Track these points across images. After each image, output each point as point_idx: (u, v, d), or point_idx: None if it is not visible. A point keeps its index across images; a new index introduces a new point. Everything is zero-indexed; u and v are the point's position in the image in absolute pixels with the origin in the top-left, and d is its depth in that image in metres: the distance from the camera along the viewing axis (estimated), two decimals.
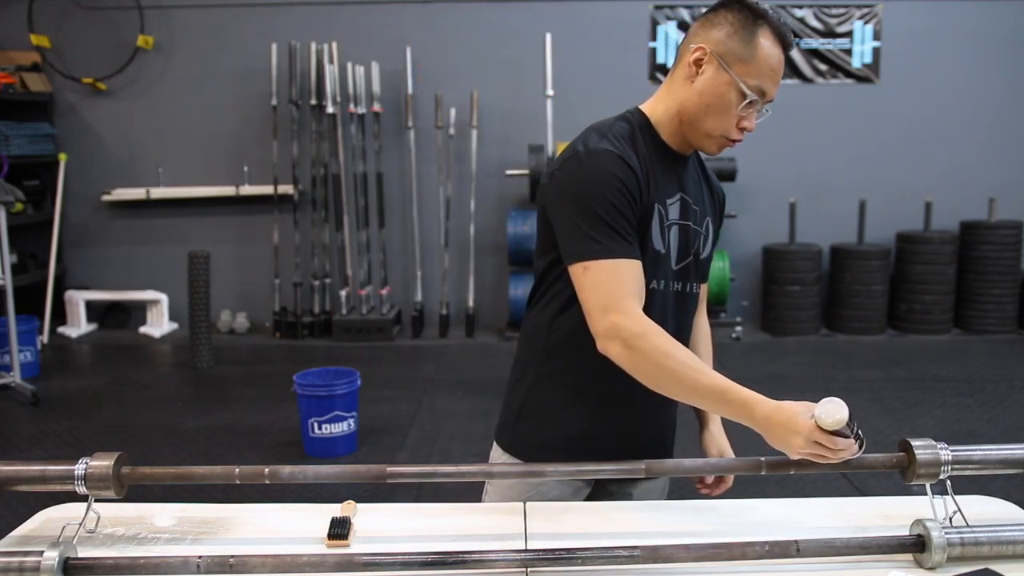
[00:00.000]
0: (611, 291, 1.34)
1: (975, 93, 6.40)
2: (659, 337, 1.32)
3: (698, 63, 1.40)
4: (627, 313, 1.33)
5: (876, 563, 1.24)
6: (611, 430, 1.53)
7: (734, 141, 1.44)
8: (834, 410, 1.19)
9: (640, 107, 1.52)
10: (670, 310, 1.52)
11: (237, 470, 1.32)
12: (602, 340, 1.34)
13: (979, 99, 6.41)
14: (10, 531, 1.37)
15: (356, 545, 1.31)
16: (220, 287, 5.91)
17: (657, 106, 1.49)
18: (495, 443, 1.62)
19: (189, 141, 6.39)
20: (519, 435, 1.58)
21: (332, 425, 3.82)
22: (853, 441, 1.23)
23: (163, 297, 6.36)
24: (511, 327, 6.02)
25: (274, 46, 6.07)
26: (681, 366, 1.31)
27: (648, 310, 1.40)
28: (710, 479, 1.62)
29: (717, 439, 1.63)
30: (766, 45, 1.36)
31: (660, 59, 6.35)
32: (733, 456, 1.57)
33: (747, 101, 1.37)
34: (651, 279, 1.45)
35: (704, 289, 1.69)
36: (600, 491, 1.60)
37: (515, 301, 5.98)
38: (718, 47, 1.38)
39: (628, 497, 1.61)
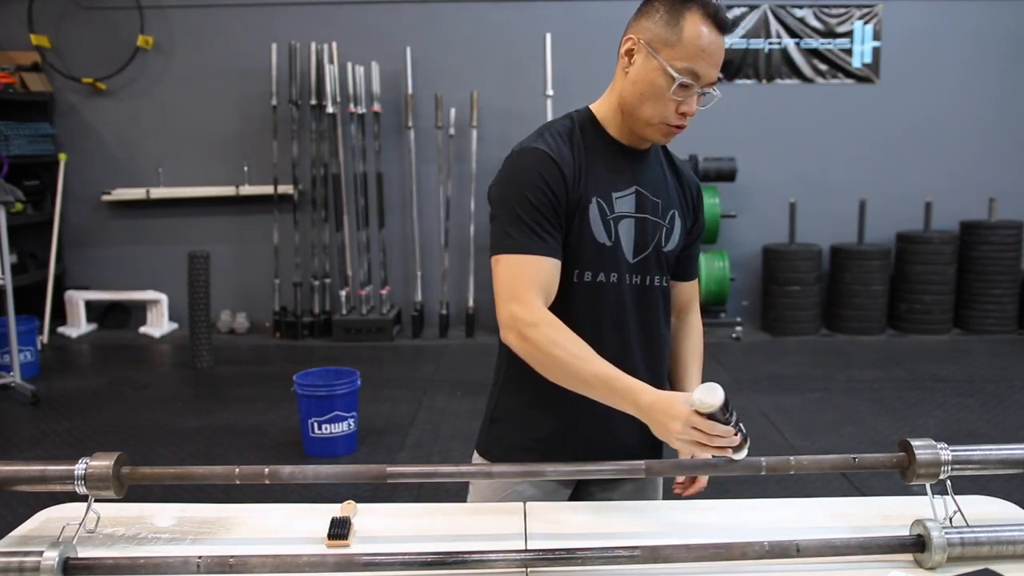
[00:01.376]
0: (514, 284, 1.39)
1: (975, 93, 6.40)
2: (551, 328, 1.36)
3: (630, 53, 1.44)
4: (525, 304, 1.37)
5: (876, 563, 1.24)
6: (580, 431, 1.53)
7: (677, 127, 1.44)
8: (709, 394, 1.20)
9: (590, 105, 1.55)
10: (628, 303, 1.52)
11: (237, 470, 1.32)
12: (503, 329, 1.40)
13: (979, 99, 6.40)
14: (10, 531, 1.37)
15: (356, 545, 1.31)
16: (220, 287, 5.91)
17: (603, 103, 1.53)
18: (475, 448, 1.66)
19: (189, 141, 6.39)
20: (492, 438, 1.61)
21: (332, 425, 3.82)
22: (732, 430, 1.23)
23: (163, 297, 6.36)
24: None
25: (274, 46, 6.07)
26: (569, 355, 1.34)
27: (595, 303, 1.47)
28: (683, 478, 1.60)
29: None
30: (693, 26, 1.36)
31: None
32: (705, 454, 1.48)
33: (677, 84, 1.38)
34: (598, 272, 1.49)
35: (691, 286, 1.69)
36: (582, 495, 1.60)
37: None
38: (646, 35, 1.41)
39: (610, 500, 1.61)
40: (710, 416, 1.21)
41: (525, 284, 1.38)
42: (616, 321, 1.52)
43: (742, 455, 1.31)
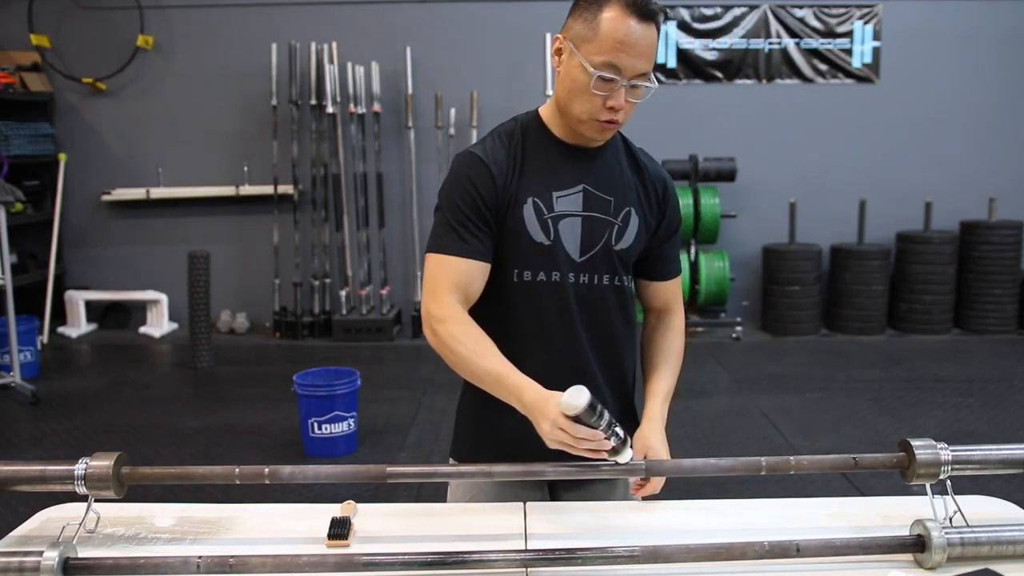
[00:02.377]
0: (432, 282, 1.45)
1: (975, 93, 6.39)
2: (457, 324, 1.40)
3: (558, 52, 1.46)
4: (438, 301, 1.43)
5: (876, 563, 1.24)
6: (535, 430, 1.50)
7: (609, 122, 1.43)
8: (574, 397, 1.21)
9: (540, 107, 1.56)
10: (574, 303, 1.51)
11: (237, 470, 1.32)
12: (422, 325, 1.46)
13: (979, 99, 6.40)
14: (10, 531, 1.37)
15: (356, 545, 1.31)
16: (220, 287, 5.91)
17: (549, 104, 1.54)
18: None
19: (189, 141, 6.39)
20: (458, 438, 1.64)
21: (332, 425, 3.82)
22: (600, 434, 1.23)
23: (163, 297, 6.36)
24: None
25: (274, 46, 6.07)
26: (467, 351, 1.38)
27: (536, 302, 1.49)
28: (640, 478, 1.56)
29: (646, 437, 1.51)
30: (610, 19, 1.36)
31: (660, 59, 6.35)
32: (662, 456, 1.47)
33: (595, 78, 1.37)
34: (537, 271, 1.49)
35: (668, 286, 1.65)
36: (552, 496, 1.61)
37: None
38: (569, 33, 1.43)
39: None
40: (576, 418, 1.22)
41: (442, 283, 1.44)
42: (562, 320, 1.51)
43: (623, 458, 1.31)
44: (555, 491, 1.62)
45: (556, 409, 1.24)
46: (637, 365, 1.67)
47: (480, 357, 1.38)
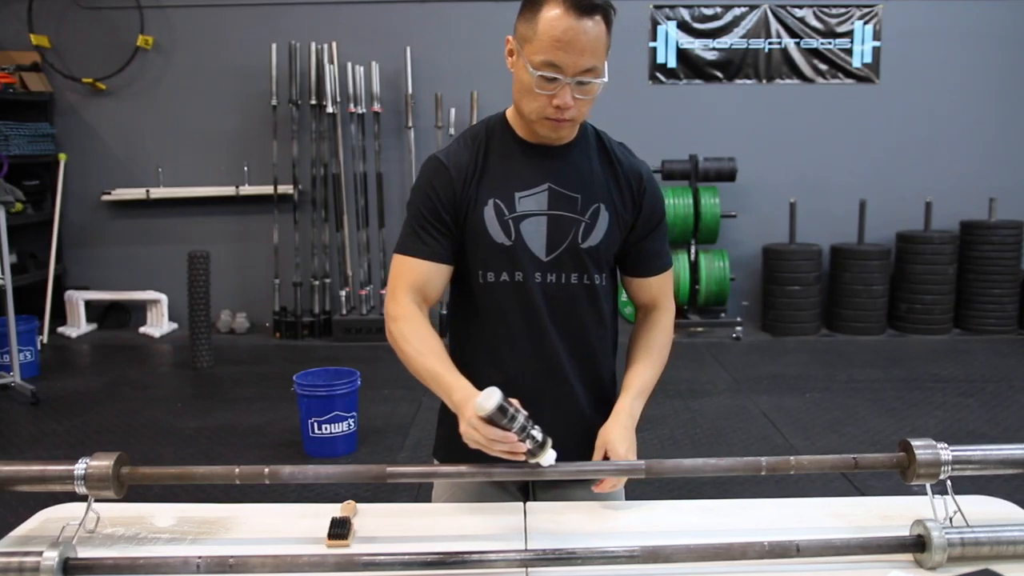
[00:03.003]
0: (393, 281, 1.51)
1: (975, 93, 6.39)
2: (406, 323, 1.45)
3: (510, 54, 1.47)
4: (395, 300, 1.48)
5: (876, 563, 1.24)
6: None
7: (558, 120, 1.42)
8: (484, 399, 1.24)
9: (507, 109, 1.57)
10: (541, 303, 1.50)
11: (237, 470, 1.32)
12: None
13: (979, 99, 6.40)
14: (10, 531, 1.37)
15: (356, 545, 1.31)
16: (220, 287, 5.91)
17: (513, 106, 1.55)
18: None
19: (189, 141, 6.39)
20: (438, 438, 1.66)
21: (332, 425, 3.82)
22: (513, 436, 1.25)
23: (163, 297, 6.36)
24: None
25: (274, 46, 6.07)
26: (412, 350, 1.43)
27: (502, 303, 1.50)
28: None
29: (606, 433, 1.49)
30: (548, 18, 1.35)
31: (660, 59, 6.36)
32: (620, 453, 1.44)
33: (536, 77, 1.38)
34: (500, 272, 1.50)
35: (653, 283, 1.61)
36: (532, 497, 1.61)
37: None
38: (516, 34, 1.44)
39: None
40: (488, 420, 1.24)
41: (400, 283, 1.49)
42: (529, 321, 1.51)
43: (545, 460, 1.31)
44: (534, 491, 1.62)
45: (472, 410, 1.26)
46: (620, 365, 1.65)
47: (422, 355, 1.42)
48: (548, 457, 1.31)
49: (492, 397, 1.24)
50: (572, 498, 1.55)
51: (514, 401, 1.29)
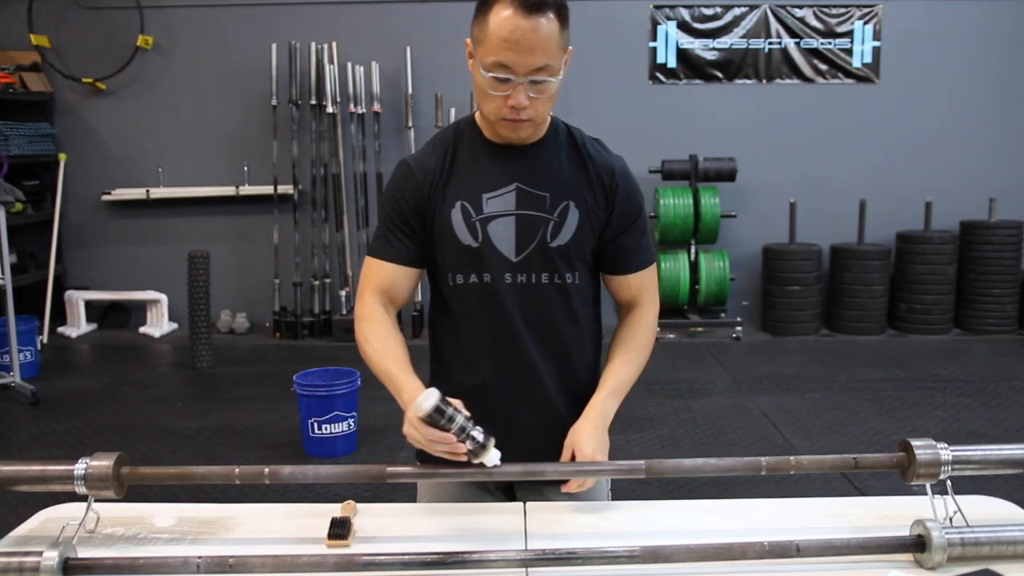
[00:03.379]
0: (362, 283, 1.54)
1: (975, 93, 6.39)
2: (369, 324, 1.49)
3: (469, 56, 1.48)
4: (362, 301, 1.52)
5: (876, 563, 1.24)
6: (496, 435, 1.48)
7: (515, 121, 1.42)
8: (421, 400, 1.27)
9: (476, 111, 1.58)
10: (511, 304, 1.50)
11: (237, 470, 1.32)
12: None
13: (979, 99, 6.40)
14: (10, 531, 1.37)
15: (356, 545, 1.31)
16: (220, 287, 5.91)
17: None
18: None
19: (189, 141, 6.39)
20: None
21: (332, 425, 3.82)
22: (451, 436, 1.27)
23: (163, 297, 6.36)
24: None
25: (274, 46, 6.07)
26: (372, 350, 1.46)
27: (472, 305, 1.50)
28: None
29: (574, 432, 1.47)
30: (496, 19, 1.35)
31: (660, 59, 6.35)
32: (587, 453, 1.42)
33: (488, 78, 1.38)
34: (468, 274, 1.50)
35: (631, 280, 1.57)
36: (514, 497, 1.61)
37: None
38: (472, 36, 1.45)
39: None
40: (427, 420, 1.26)
41: (367, 284, 1.53)
42: (500, 322, 1.50)
43: (488, 460, 1.31)
44: (515, 492, 1.61)
45: (413, 410, 1.28)
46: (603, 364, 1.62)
47: (380, 356, 1.45)
48: (491, 457, 1.31)
49: (430, 398, 1.26)
50: (555, 498, 1.53)
51: (455, 402, 1.30)
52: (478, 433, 1.29)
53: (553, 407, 1.55)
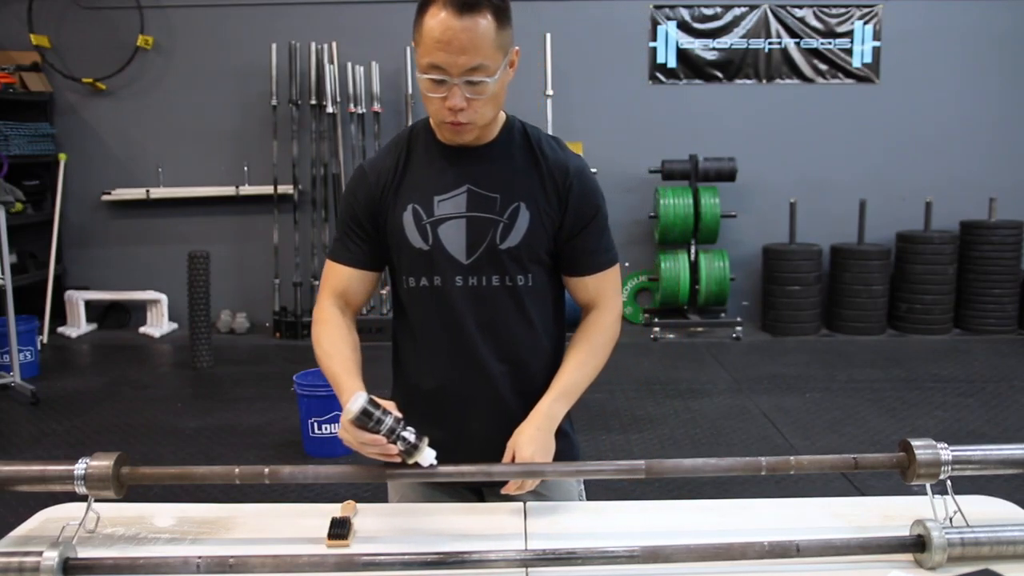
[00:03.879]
0: (321, 285, 1.58)
1: (975, 93, 6.39)
2: (322, 326, 1.52)
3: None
4: (319, 304, 1.56)
5: (876, 563, 1.24)
6: (451, 438, 1.49)
7: (454, 123, 1.41)
8: (350, 403, 1.29)
9: None
10: (463, 306, 1.49)
11: (237, 470, 1.32)
12: None
13: (979, 99, 6.40)
14: (10, 531, 1.37)
15: (356, 545, 1.31)
16: (220, 287, 5.91)
17: None
18: None
19: (189, 141, 6.39)
20: None
21: (332, 425, 3.82)
22: (382, 439, 1.29)
23: (163, 297, 6.36)
24: None
25: (274, 46, 6.07)
26: (322, 352, 1.50)
27: (424, 308, 1.51)
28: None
29: (516, 435, 1.46)
30: (431, 20, 1.34)
31: (660, 59, 6.35)
32: (525, 456, 1.41)
33: (425, 80, 1.39)
34: (420, 277, 1.50)
35: (589, 282, 1.53)
36: (483, 498, 1.60)
37: None
38: (413, 39, 1.44)
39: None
40: (356, 424, 1.28)
41: (324, 286, 1.56)
42: (451, 324, 1.49)
43: (423, 461, 1.31)
44: (485, 492, 1.61)
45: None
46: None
47: (329, 358, 1.48)
48: (426, 457, 1.31)
49: (357, 401, 1.28)
50: (524, 498, 1.51)
51: (385, 403, 1.31)
52: (409, 434, 1.30)
53: (507, 409, 1.52)
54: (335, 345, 1.49)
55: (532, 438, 1.43)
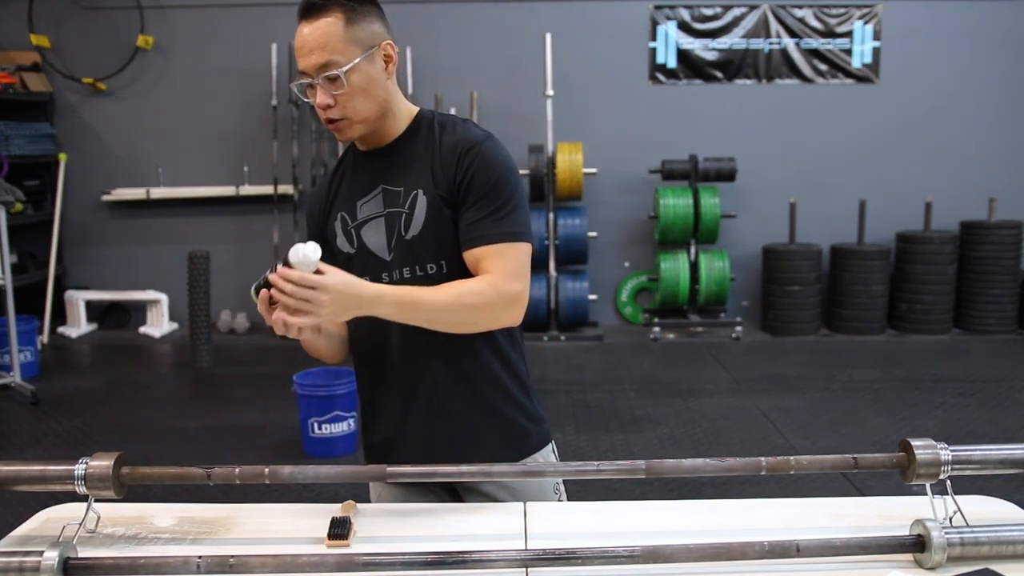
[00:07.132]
0: None
1: (975, 93, 6.40)
2: None
3: None
4: None
5: (876, 563, 1.24)
6: (394, 434, 1.56)
7: (330, 122, 1.47)
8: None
9: None
10: None
11: (237, 470, 1.32)
12: None
13: (979, 99, 6.40)
14: (10, 531, 1.37)
15: (356, 545, 1.31)
16: (220, 287, 5.91)
17: None
18: None
19: (189, 141, 6.39)
20: (363, 439, 1.71)
21: (332, 425, 3.82)
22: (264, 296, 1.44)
23: (163, 297, 6.36)
24: None
25: (274, 46, 6.07)
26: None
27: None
28: None
29: (337, 272, 1.42)
30: (298, 33, 1.43)
31: (660, 59, 6.36)
32: (312, 279, 1.41)
33: (297, 88, 1.47)
34: None
35: (476, 253, 1.45)
36: (458, 498, 1.60)
37: None
38: None
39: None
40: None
41: None
42: (382, 323, 1.45)
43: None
44: (460, 493, 1.60)
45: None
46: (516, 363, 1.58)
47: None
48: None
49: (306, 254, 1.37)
50: (501, 497, 1.54)
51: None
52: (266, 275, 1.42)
53: (443, 399, 1.53)
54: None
55: (338, 280, 1.36)
